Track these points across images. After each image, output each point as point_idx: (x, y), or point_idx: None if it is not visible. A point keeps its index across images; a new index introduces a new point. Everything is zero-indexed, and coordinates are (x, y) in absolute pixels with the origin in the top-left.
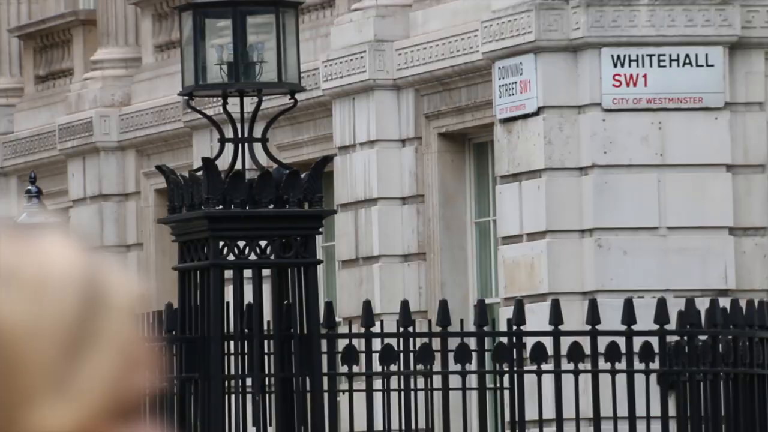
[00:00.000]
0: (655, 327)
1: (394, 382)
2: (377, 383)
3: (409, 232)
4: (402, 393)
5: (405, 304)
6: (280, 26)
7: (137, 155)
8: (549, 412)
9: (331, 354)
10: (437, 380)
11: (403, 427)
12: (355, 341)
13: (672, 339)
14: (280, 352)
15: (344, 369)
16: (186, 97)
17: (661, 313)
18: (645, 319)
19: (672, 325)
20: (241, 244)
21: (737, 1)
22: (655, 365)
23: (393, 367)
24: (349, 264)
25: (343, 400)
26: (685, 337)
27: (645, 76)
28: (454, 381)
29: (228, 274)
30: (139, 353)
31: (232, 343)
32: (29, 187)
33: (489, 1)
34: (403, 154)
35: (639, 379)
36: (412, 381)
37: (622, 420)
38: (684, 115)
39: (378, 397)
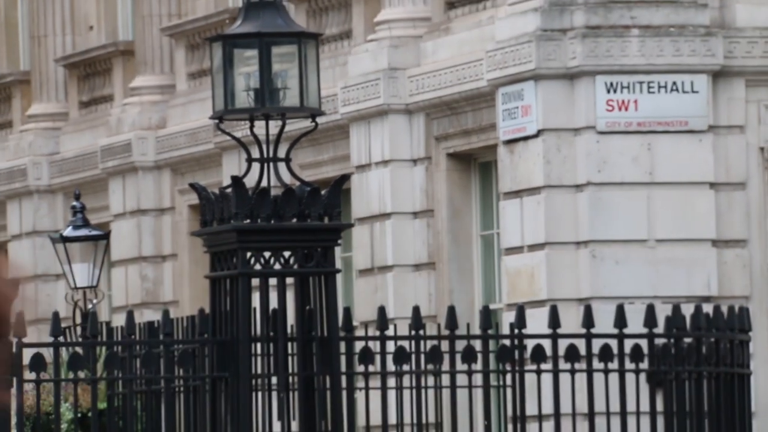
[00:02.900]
0: (645, 330)
1: (406, 381)
2: (391, 381)
3: (420, 243)
4: (413, 390)
5: (416, 310)
6: (302, 56)
7: (172, 174)
8: (548, 408)
9: (349, 355)
10: (446, 379)
11: (415, 421)
12: (370, 343)
13: (660, 341)
14: (303, 353)
15: (361, 368)
16: (216, 121)
17: (650, 317)
18: (635, 323)
19: (660, 329)
20: (267, 254)
21: (720, 33)
22: (644, 365)
23: (405, 367)
24: (366, 273)
25: (359, 396)
26: (672, 340)
27: (635, 101)
28: (461, 379)
29: (255, 282)
30: None
31: (258, 345)
32: (74, 203)
33: (493, 32)
34: (414, 172)
35: (630, 378)
36: (422, 379)
37: (614, 415)
38: (671, 137)
39: (392, 394)
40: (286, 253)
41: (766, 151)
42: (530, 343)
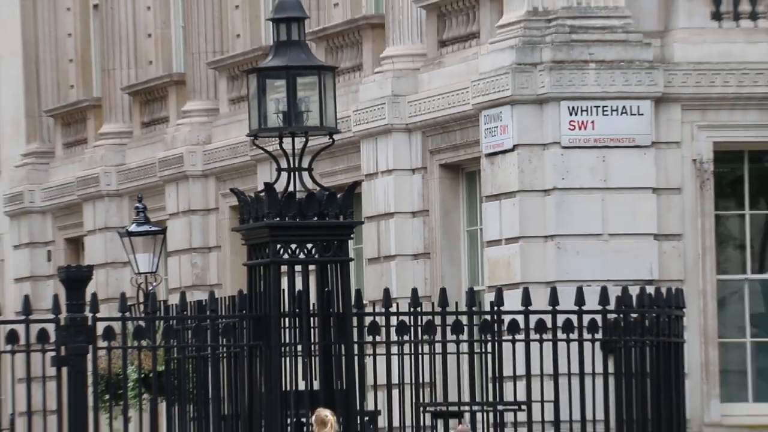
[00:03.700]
0: (599, 307)
1: (406, 348)
2: (394, 349)
3: (418, 237)
4: (412, 356)
5: (414, 291)
6: (322, 84)
7: (216, 181)
8: (520, 371)
9: (360, 327)
10: (438, 347)
11: (413, 381)
12: (377, 318)
13: (611, 316)
14: (322, 326)
15: (369, 339)
16: (252, 138)
17: (603, 297)
18: (591, 302)
19: (611, 306)
20: (293, 246)
21: (661, 67)
22: (599, 335)
23: (405, 337)
24: (373, 261)
25: (368, 361)
26: (621, 315)
27: (593, 122)
28: (451, 347)
29: (283, 269)
30: None
31: (286, 319)
32: (137, 205)
33: (477, 65)
34: (413, 179)
35: (587, 346)
36: (419, 347)
37: (575, 376)
38: (621, 151)
39: (394, 360)
40: (309, 245)
41: (698, 163)
42: (507, 318)
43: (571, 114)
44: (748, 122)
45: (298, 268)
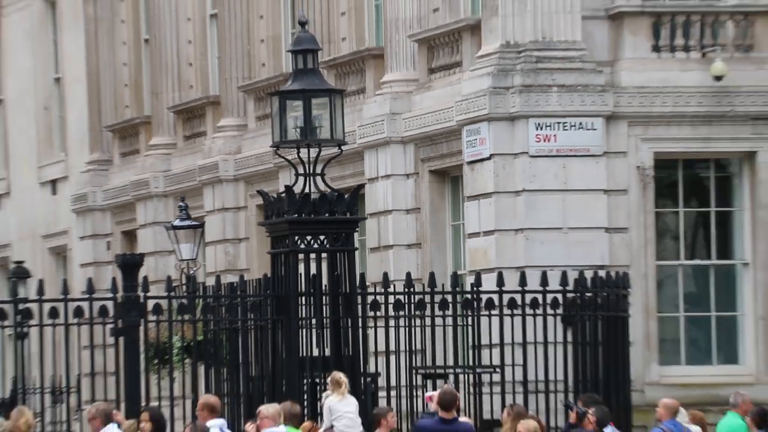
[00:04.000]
0: (560, 288)
1: (402, 322)
2: (391, 322)
3: (411, 230)
4: (406, 328)
5: (408, 275)
6: (332, 104)
7: (245, 184)
8: (495, 340)
9: (363, 305)
10: (428, 321)
11: (407, 348)
12: (378, 297)
13: (570, 295)
14: (332, 303)
15: (371, 314)
16: (275, 148)
17: (564, 280)
18: (554, 283)
19: (570, 287)
20: (308, 238)
21: (611, 90)
22: (560, 311)
23: (401, 313)
24: (374, 250)
25: (370, 332)
26: (578, 294)
27: (555, 135)
28: (438, 321)
29: (300, 256)
30: None
31: (303, 298)
32: (180, 204)
33: (460, 89)
34: (407, 183)
35: (550, 320)
36: (412, 321)
37: (540, 344)
38: (578, 159)
39: (392, 331)
40: (321, 237)
41: (641, 169)
42: (484, 297)
43: (537, 129)
44: (682, 136)
45: (312, 255)
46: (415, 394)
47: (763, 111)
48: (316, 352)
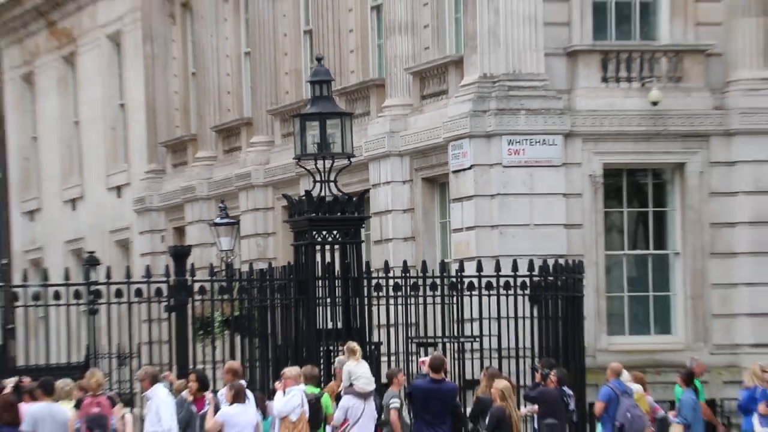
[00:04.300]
0: (528, 273)
1: (399, 300)
2: (391, 301)
3: (407, 226)
4: (403, 306)
5: (405, 262)
6: (343, 124)
7: (273, 189)
8: (476, 315)
9: (368, 287)
10: (421, 300)
11: (405, 322)
12: (380, 280)
13: (536, 279)
14: (344, 286)
15: (375, 294)
16: (297, 160)
17: (531, 266)
18: (523, 269)
19: (536, 272)
20: (324, 233)
21: (568, 112)
22: (527, 292)
23: (399, 294)
24: (377, 243)
25: (374, 309)
26: (542, 278)
27: (523, 150)
28: (429, 300)
29: (317, 248)
30: None
31: (319, 281)
32: (220, 205)
33: (447, 111)
34: (404, 188)
35: (520, 299)
36: (408, 300)
37: (511, 318)
38: (542, 169)
39: (392, 308)
40: (335, 232)
41: (592, 177)
42: (466, 281)
43: (508, 144)
44: (626, 150)
45: (327, 247)
46: (410, 359)
47: (690, 130)
48: (330, 326)
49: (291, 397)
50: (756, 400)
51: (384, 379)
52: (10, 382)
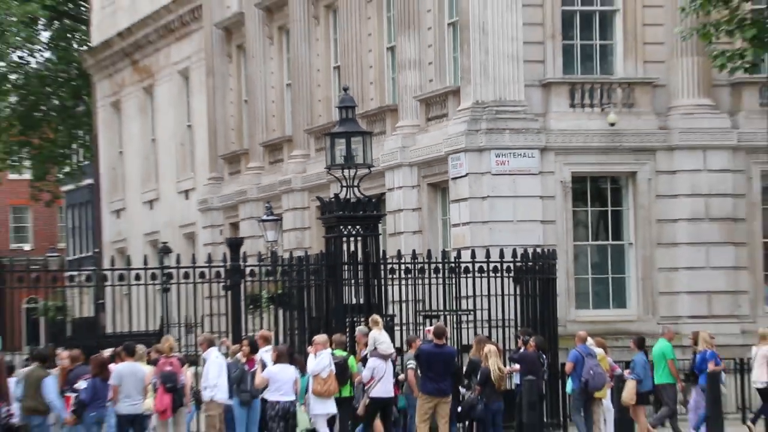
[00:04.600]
0: (512, 259)
1: (409, 281)
2: (403, 282)
3: (416, 222)
4: (413, 286)
5: (413, 251)
6: (364, 141)
7: (309, 192)
8: (470, 293)
9: (384, 270)
10: (427, 281)
11: (414, 298)
12: (394, 266)
13: (518, 264)
14: (365, 270)
15: (390, 276)
16: (327, 169)
17: (514, 254)
18: (508, 256)
19: (518, 259)
20: (350, 227)
21: (543, 131)
22: (512, 274)
23: (409, 276)
24: (392, 235)
25: (389, 289)
26: (524, 263)
27: (508, 161)
28: (433, 281)
29: (344, 240)
30: None
31: (345, 266)
32: (267, 205)
33: (447, 131)
34: (413, 192)
35: (506, 280)
36: (416, 281)
37: (498, 296)
38: (523, 176)
39: (403, 288)
40: (358, 227)
41: (563, 183)
42: (462, 266)
43: (496, 157)
44: (589, 162)
45: (351, 239)
46: (418, 328)
47: (640, 146)
48: (353, 302)
49: (321, 359)
50: (706, 360)
51: (397, 344)
52: (107, 352)
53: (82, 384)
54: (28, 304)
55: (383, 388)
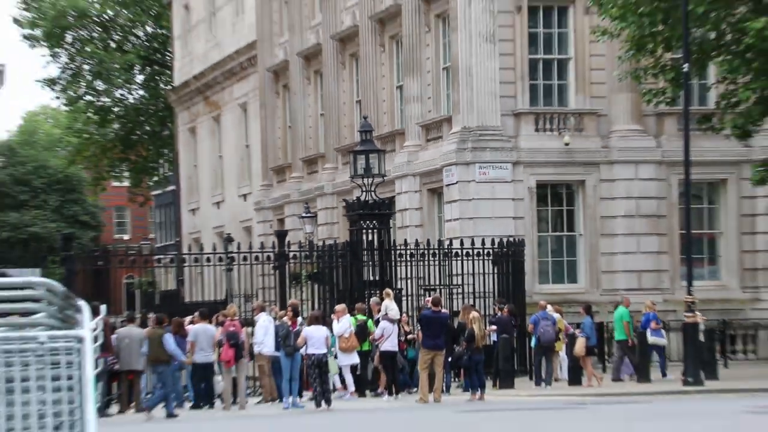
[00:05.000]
0: (491, 247)
1: (413, 263)
2: (408, 263)
3: (417, 218)
4: (415, 266)
5: (416, 240)
6: (380, 157)
7: (337, 195)
8: (459, 272)
9: (394, 255)
10: (427, 263)
11: (416, 276)
12: (401, 251)
13: (496, 250)
14: (380, 254)
15: (399, 259)
16: (351, 178)
17: (493, 242)
18: (488, 244)
19: (496, 246)
20: (368, 222)
21: (515, 150)
22: (491, 258)
23: (413, 259)
24: (400, 228)
25: (397, 269)
26: (500, 249)
27: (488, 172)
28: (432, 263)
29: (364, 231)
30: None
31: (365, 251)
32: (306, 206)
33: (442, 149)
34: (416, 195)
35: (486, 262)
36: (419, 263)
37: (480, 274)
38: (500, 184)
39: (408, 268)
40: (375, 221)
41: (530, 189)
42: (454, 251)
43: (480, 169)
44: (549, 172)
45: (369, 231)
46: (420, 299)
47: (588, 160)
48: (371, 278)
49: (342, 323)
50: (650, 320)
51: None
52: (188, 318)
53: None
54: (127, 280)
55: (390, 344)
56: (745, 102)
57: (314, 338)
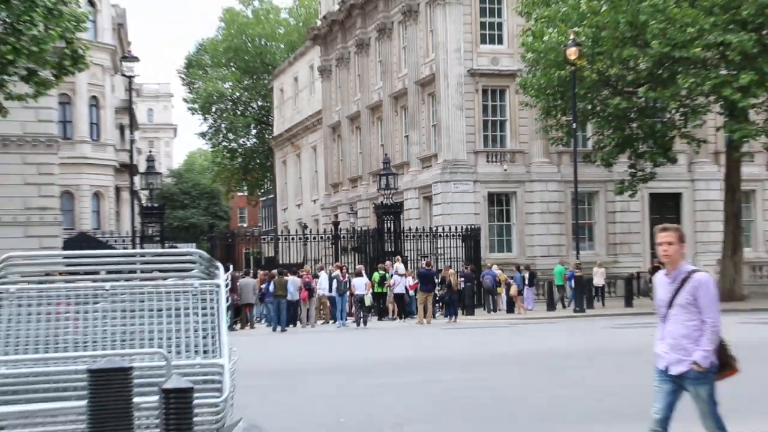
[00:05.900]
0: (461, 232)
1: (414, 241)
2: (411, 241)
3: (417, 214)
4: (415, 243)
5: (416, 227)
6: (395, 178)
7: (369, 201)
8: (441, 246)
9: (403, 235)
10: (424, 242)
11: (415, 249)
12: (406, 234)
13: (463, 233)
14: (394, 235)
15: (405, 238)
16: (378, 190)
17: (462, 229)
18: (460, 229)
19: (463, 231)
20: (387, 216)
21: (475, 174)
22: (461, 237)
23: (414, 238)
24: (407, 220)
25: (405, 244)
26: (466, 233)
27: (459, 187)
28: (425, 240)
29: (384, 222)
30: None
31: (384, 234)
32: (350, 206)
33: (432, 173)
34: (417, 201)
35: (458, 240)
36: (417, 241)
37: (454, 248)
38: (466, 194)
39: (411, 244)
40: (391, 216)
41: (484, 197)
42: (438, 233)
43: (454, 186)
44: (496, 186)
45: (388, 222)
46: (418, 262)
47: (519, 179)
48: (388, 250)
49: (361, 279)
50: (573, 275)
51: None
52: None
53: (289, 285)
54: (246, 251)
55: (399, 289)
56: (608, 146)
57: (358, 286)
